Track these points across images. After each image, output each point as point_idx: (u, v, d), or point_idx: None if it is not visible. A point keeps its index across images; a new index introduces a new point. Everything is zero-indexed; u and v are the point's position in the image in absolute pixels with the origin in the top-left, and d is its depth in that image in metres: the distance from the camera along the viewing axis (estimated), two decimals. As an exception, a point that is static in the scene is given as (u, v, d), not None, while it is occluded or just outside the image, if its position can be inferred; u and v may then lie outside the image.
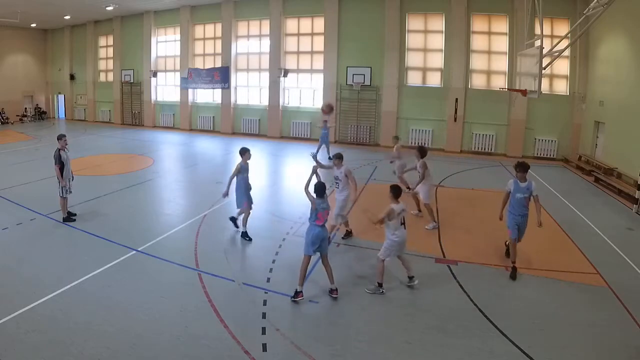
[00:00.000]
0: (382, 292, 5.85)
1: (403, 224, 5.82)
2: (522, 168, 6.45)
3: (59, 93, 29.79)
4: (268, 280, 6.16)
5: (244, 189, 7.70)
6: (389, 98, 18.93)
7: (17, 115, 27.13)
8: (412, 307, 5.49)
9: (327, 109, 14.31)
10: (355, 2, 19.23)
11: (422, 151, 8.83)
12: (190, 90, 23.47)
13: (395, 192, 5.77)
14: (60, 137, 8.35)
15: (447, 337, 4.87)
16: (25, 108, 28.16)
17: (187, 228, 8.30)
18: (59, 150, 8.26)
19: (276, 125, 21.16)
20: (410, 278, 6.06)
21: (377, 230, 8.30)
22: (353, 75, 18.99)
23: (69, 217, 8.41)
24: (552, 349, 4.66)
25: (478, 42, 17.91)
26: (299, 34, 20.78)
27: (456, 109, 17.98)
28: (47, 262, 6.57)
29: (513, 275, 6.41)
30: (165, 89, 25.16)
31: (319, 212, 5.59)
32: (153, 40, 24.58)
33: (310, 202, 5.68)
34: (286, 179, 13.50)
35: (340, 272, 6.60)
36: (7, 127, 24.82)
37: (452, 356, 4.54)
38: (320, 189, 5.69)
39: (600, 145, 14.87)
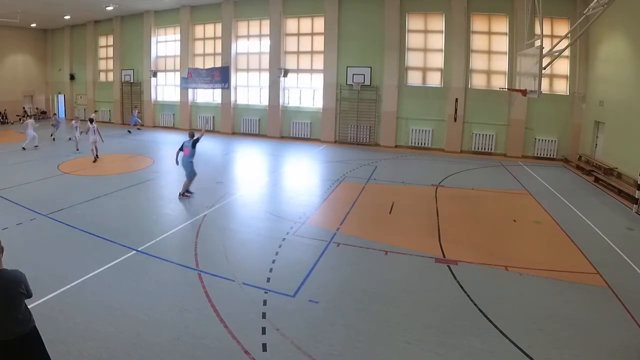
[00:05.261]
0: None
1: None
2: None
3: (59, 93, 29.79)
4: (268, 280, 6.15)
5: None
6: (389, 98, 18.93)
7: (17, 115, 27.12)
8: (412, 307, 5.48)
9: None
10: (355, 2, 19.23)
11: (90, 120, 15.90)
12: (190, 90, 23.47)
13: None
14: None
15: (447, 337, 4.86)
16: (25, 108, 28.14)
17: (187, 228, 8.29)
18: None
19: (276, 125, 21.16)
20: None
21: (380, 230, 8.34)
22: (353, 75, 18.98)
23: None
24: (552, 349, 4.66)
25: (478, 42, 17.91)
26: (299, 34, 20.78)
27: (456, 109, 17.98)
28: (47, 262, 6.56)
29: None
30: (165, 89, 25.17)
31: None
32: (153, 40, 24.59)
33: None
34: (286, 179, 13.49)
35: (341, 271, 6.61)
36: (7, 127, 24.81)
37: (452, 356, 4.54)
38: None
39: (600, 145, 14.87)
